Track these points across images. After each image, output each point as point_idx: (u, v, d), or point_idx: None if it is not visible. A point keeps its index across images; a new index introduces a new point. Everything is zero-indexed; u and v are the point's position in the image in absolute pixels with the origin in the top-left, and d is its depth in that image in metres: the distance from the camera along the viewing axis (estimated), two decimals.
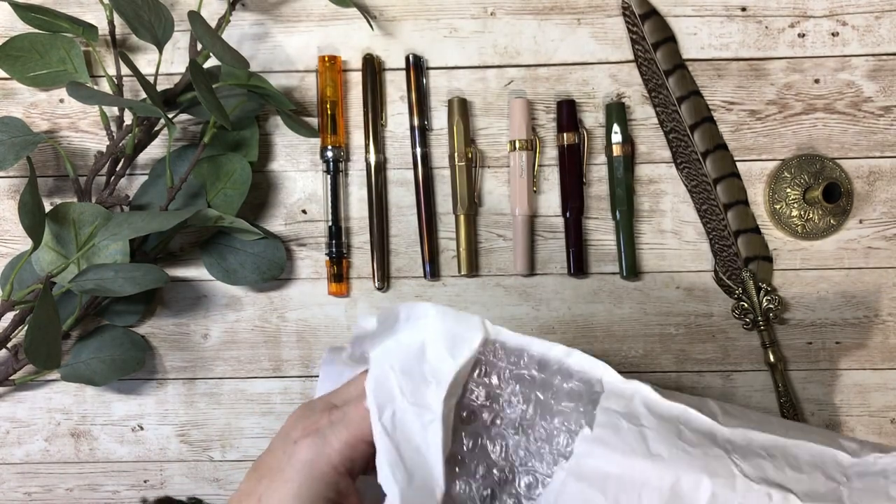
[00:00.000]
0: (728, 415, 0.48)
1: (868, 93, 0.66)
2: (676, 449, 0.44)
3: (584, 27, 0.67)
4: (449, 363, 0.43)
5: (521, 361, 0.45)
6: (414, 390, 0.43)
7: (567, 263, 0.66)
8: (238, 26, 0.67)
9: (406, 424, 0.42)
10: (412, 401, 0.43)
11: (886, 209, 0.66)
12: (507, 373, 0.45)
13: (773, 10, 0.66)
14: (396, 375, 0.43)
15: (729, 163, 0.66)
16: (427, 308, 0.44)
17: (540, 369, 0.45)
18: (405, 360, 0.44)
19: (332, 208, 0.66)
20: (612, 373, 0.45)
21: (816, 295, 0.66)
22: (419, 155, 0.66)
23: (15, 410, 0.68)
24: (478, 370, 0.45)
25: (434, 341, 0.44)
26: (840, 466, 0.46)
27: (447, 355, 0.43)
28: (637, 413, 0.45)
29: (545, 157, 0.67)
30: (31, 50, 0.64)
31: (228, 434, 0.67)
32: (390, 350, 0.44)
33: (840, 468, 0.46)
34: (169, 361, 0.67)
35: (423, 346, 0.44)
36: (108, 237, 0.57)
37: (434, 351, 0.44)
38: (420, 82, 0.66)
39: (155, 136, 0.64)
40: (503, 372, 0.45)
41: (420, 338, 0.44)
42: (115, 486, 0.68)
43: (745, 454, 0.45)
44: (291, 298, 0.67)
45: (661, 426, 0.45)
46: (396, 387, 0.43)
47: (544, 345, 0.45)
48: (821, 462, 0.45)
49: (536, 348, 0.45)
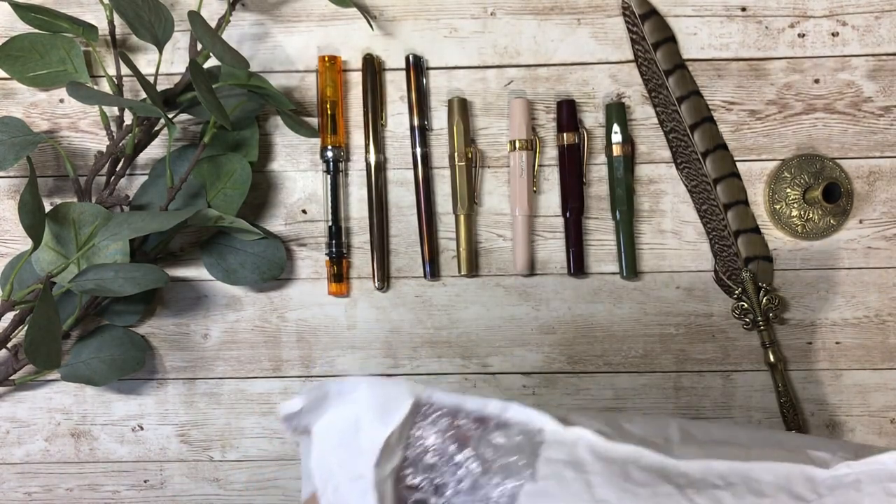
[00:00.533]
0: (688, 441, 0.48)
1: (868, 93, 0.66)
2: (623, 492, 0.44)
3: (584, 27, 0.67)
4: (380, 430, 0.44)
5: (458, 421, 0.46)
6: (350, 462, 0.44)
7: (567, 263, 0.66)
8: (238, 26, 0.67)
9: (345, 497, 0.44)
10: (350, 474, 0.44)
11: (886, 209, 0.66)
12: (445, 434, 0.45)
13: (773, 10, 0.66)
14: (335, 450, 0.45)
15: (729, 163, 0.66)
16: (357, 382, 0.46)
17: (478, 426, 0.46)
18: (342, 434, 0.45)
19: (332, 208, 0.66)
20: (552, 422, 0.45)
21: (816, 295, 0.66)
22: (419, 155, 0.66)
23: (15, 410, 0.68)
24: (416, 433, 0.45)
25: (367, 411, 0.45)
26: (810, 482, 0.45)
27: (379, 423, 0.44)
28: (581, 460, 0.45)
29: (545, 157, 0.67)
30: (32, 50, 0.64)
31: (228, 434, 0.67)
32: (329, 425, 0.45)
33: (810, 484, 0.45)
34: (169, 361, 0.67)
35: (358, 418, 0.45)
36: (108, 237, 0.57)
37: (367, 421, 0.45)
38: (420, 82, 0.66)
39: (155, 136, 0.64)
40: (442, 433, 0.45)
41: (354, 410, 0.45)
42: (115, 485, 0.68)
43: (701, 487, 0.45)
44: (291, 298, 0.67)
45: (608, 470, 0.45)
46: (335, 461, 0.45)
47: (479, 402, 0.46)
48: (787, 482, 0.45)
49: (471, 406, 0.46)
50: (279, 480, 0.67)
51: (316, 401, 0.47)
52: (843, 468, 0.46)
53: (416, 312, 0.67)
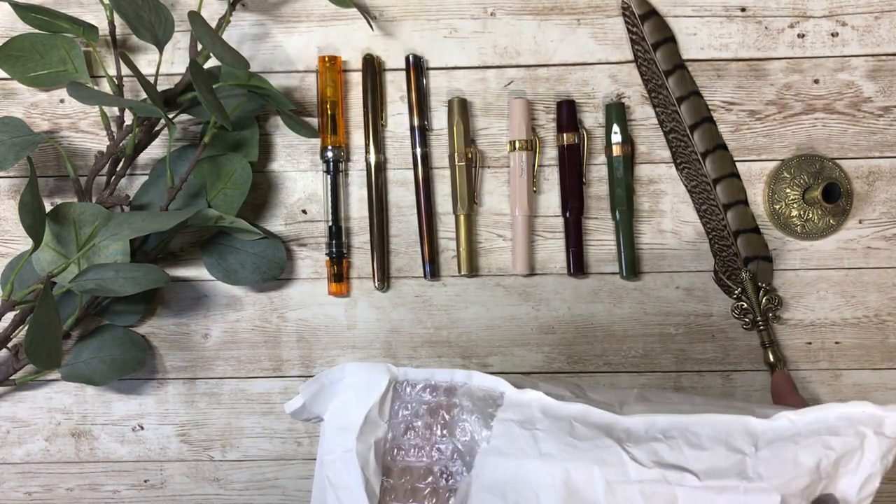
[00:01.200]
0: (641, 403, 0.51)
1: (868, 93, 0.66)
2: (565, 445, 0.47)
3: (583, 27, 0.67)
4: (361, 408, 0.50)
5: (431, 392, 0.52)
6: (344, 440, 0.50)
7: (567, 263, 0.66)
8: (238, 26, 0.67)
9: (339, 470, 0.50)
10: (342, 449, 0.50)
11: (886, 209, 0.66)
12: (421, 406, 0.51)
13: (772, 10, 0.66)
14: (334, 433, 0.51)
15: (729, 163, 0.66)
16: (342, 368, 0.52)
17: (447, 395, 0.51)
18: (339, 416, 0.51)
19: (332, 208, 0.66)
20: (509, 387, 0.50)
21: (816, 295, 0.66)
22: (419, 155, 0.66)
23: (15, 410, 0.68)
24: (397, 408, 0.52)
25: (355, 394, 0.51)
26: (750, 435, 0.46)
27: (360, 402, 0.51)
28: (532, 418, 0.49)
29: (545, 157, 0.67)
30: (32, 50, 0.64)
31: (229, 434, 0.67)
32: (331, 412, 0.52)
33: (750, 437, 0.46)
34: (169, 361, 0.67)
35: (349, 401, 0.51)
36: (109, 237, 0.57)
37: (355, 401, 0.51)
38: (420, 82, 0.66)
39: (155, 136, 0.64)
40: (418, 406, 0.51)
41: (346, 395, 0.51)
42: (116, 485, 0.68)
43: (640, 440, 0.47)
44: (291, 298, 0.67)
45: (554, 426, 0.48)
46: (335, 442, 0.50)
47: (447, 373, 0.52)
48: (726, 435, 0.46)
49: (440, 377, 0.52)
50: (279, 480, 0.67)
51: (314, 393, 0.52)
52: (784, 420, 0.46)
53: (416, 312, 0.67)
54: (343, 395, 0.51)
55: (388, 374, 0.52)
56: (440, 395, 0.51)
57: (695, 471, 0.46)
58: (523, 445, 0.48)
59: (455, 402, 0.51)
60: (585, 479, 0.46)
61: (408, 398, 0.52)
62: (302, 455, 0.67)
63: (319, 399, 0.52)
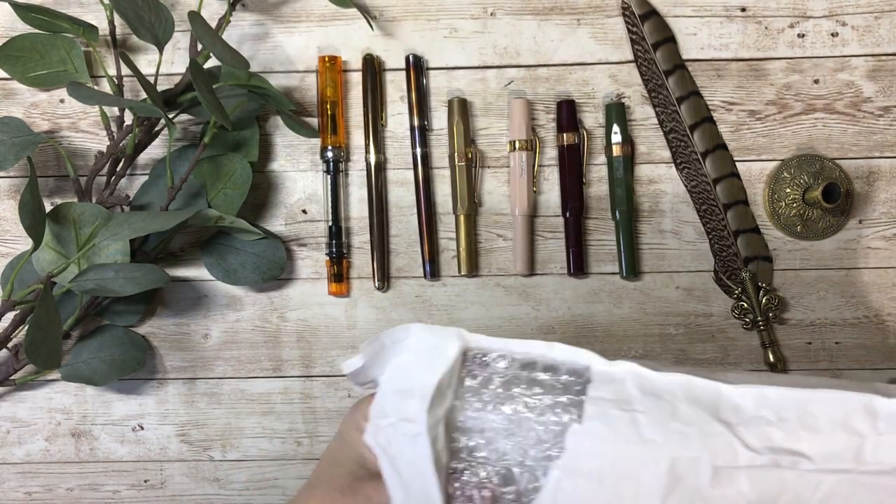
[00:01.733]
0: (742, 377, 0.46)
1: (868, 93, 0.66)
2: (670, 432, 0.43)
3: (583, 27, 0.67)
4: (429, 376, 0.44)
5: (506, 364, 0.46)
6: (402, 407, 0.44)
7: (567, 263, 0.66)
8: (238, 26, 0.67)
9: (398, 440, 0.44)
10: (401, 417, 0.44)
11: (886, 209, 0.66)
12: (495, 378, 0.46)
13: (772, 10, 0.66)
14: (391, 396, 0.45)
15: (729, 163, 0.66)
16: (407, 328, 0.46)
17: (525, 369, 0.46)
18: (398, 380, 0.45)
19: (332, 208, 0.66)
20: (598, 359, 0.45)
21: (816, 295, 0.66)
22: (419, 155, 0.66)
23: (15, 410, 0.68)
24: (467, 379, 0.46)
25: (417, 358, 0.45)
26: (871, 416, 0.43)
27: (428, 369, 0.45)
28: (629, 397, 0.44)
29: (545, 157, 0.67)
30: (32, 50, 0.64)
31: (229, 434, 0.67)
32: (389, 373, 0.46)
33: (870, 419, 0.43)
34: (169, 361, 0.67)
35: (410, 365, 0.45)
36: (109, 237, 0.57)
37: (418, 367, 0.45)
38: (420, 82, 0.66)
39: (155, 136, 0.64)
40: (491, 378, 0.46)
41: (406, 357, 0.46)
42: (116, 485, 0.68)
43: (751, 421, 0.43)
44: (291, 298, 0.67)
45: (655, 407, 0.44)
46: (390, 406, 0.45)
47: (525, 344, 0.46)
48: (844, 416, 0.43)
49: (517, 348, 0.46)
50: (279, 480, 0.67)
51: (375, 354, 0.48)
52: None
53: (416, 312, 0.67)
54: (404, 357, 0.46)
55: (459, 340, 0.46)
56: (515, 369, 0.46)
57: (808, 454, 0.42)
58: (623, 430, 0.43)
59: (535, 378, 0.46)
60: (691, 466, 0.42)
61: (477, 370, 0.46)
62: (302, 455, 0.67)
63: (378, 360, 0.48)
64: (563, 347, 0.46)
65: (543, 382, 0.46)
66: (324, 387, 0.67)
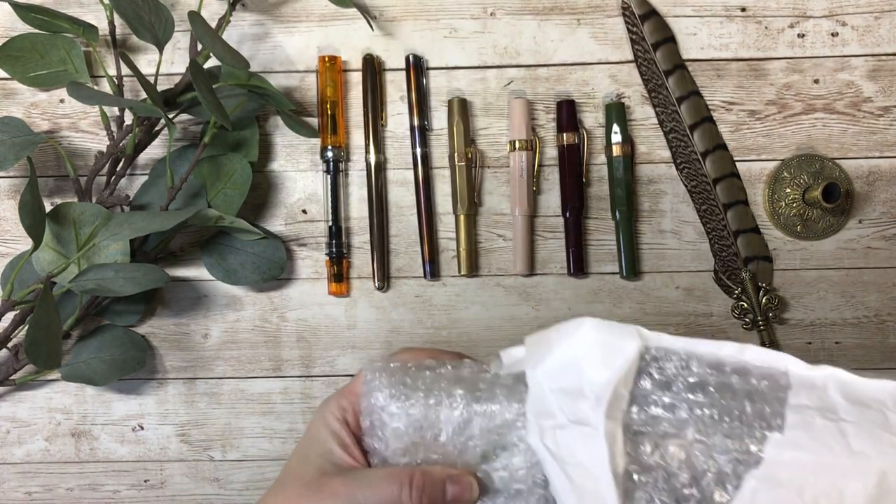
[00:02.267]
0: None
1: (868, 93, 0.66)
2: (882, 444, 0.39)
3: (583, 27, 0.67)
4: (605, 375, 0.41)
5: (690, 366, 0.43)
6: (573, 407, 0.41)
7: (567, 263, 0.66)
8: (238, 26, 0.67)
9: (568, 443, 0.41)
10: (572, 418, 0.41)
11: (886, 209, 0.66)
12: (678, 380, 0.42)
13: (772, 10, 0.66)
14: (555, 395, 0.42)
15: (728, 163, 0.66)
16: (580, 322, 0.43)
17: (714, 372, 0.42)
18: (562, 377, 0.42)
19: (332, 208, 0.66)
20: (797, 363, 0.41)
21: (816, 295, 0.66)
22: (419, 155, 0.66)
23: (15, 410, 0.68)
24: (645, 380, 0.42)
25: (589, 355, 0.42)
26: None
27: (603, 368, 0.41)
28: (833, 405, 0.41)
29: (545, 157, 0.67)
30: (32, 50, 0.64)
31: (229, 434, 0.67)
32: (547, 369, 0.43)
33: None
34: (169, 361, 0.67)
35: (579, 361, 0.42)
36: (109, 237, 0.57)
37: (590, 365, 0.41)
38: (420, 82, 0.66)
39: (155, 136, 0.64)
40: (674, 379, 0.42)
41: (575, 353, 0.42)
42: (116, 485, 0.68)
43: None
44: (291, 298, 0.67)
45: (863, 416, 0.40)
46: (556, 406, 0.41)
47: (713, 344, 0.43)
48: None
49: (704, 349, 0.43)
50: None
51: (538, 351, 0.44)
52: None
53: (416, 312, 0.67)
54: (570, 353, 0.42)
55: (637, 339, 0.42)
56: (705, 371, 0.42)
57: None
58: (829, 441, 0.40)
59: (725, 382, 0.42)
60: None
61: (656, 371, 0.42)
62: None
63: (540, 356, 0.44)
64: (758, 350, 0.42)
65: (734, 387, 0.42)
66: (324, 387, 0.67)
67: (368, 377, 0.44)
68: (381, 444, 0.43)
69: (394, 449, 0.43)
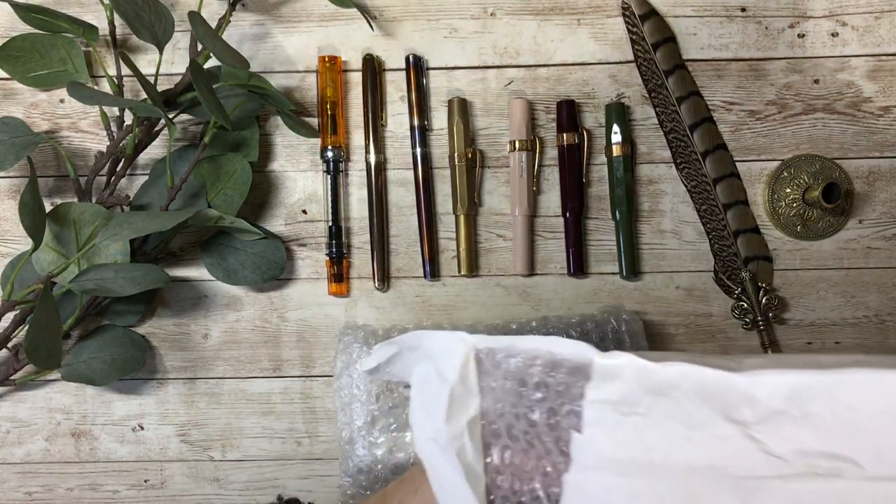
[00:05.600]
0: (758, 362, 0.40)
1: (868, 93, 0.66)
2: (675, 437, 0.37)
3: (583, 27, 0.67)
4: (442, 385, 0.42)
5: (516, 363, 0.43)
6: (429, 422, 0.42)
7: (567, 263, 0.66)
8: (238, 26, 0.67)
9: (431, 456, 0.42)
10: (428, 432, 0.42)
11: (886, 209, 0.66)
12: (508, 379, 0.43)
13: (772, 10, 0.66)
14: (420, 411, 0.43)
15: (728, 163, 0.66)
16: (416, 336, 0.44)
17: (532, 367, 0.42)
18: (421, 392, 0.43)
19: (332, 208, 0.66)
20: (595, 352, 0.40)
21: (816, 295, 0.66)
22: (419, 155, 0.66)
23: (15, 410, 0.68)
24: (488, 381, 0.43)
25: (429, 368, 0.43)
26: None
27: (439, 378, 0.42)
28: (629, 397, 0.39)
29: (545, 157, 0.67)
30: (32, 50, 0.64)
31: (229, 434, 0.67)
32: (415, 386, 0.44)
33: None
34: (169, 361, 0.67)
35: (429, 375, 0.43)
36: (109, 237, 0.57)
37: (435, 377, 0.43)
38: (420, 82, 0.66)
39: (155, 136, 0.64)
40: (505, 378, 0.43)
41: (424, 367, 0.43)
42: (116, 485, 0.68)
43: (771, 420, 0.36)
44: (291, 298, 0.67)
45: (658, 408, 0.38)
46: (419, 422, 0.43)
47: (527, 340, 0.42)
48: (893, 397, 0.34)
49: (522, 346, 0.42)
50: (279, 480, 0.67)
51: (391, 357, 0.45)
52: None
53: (416, 312, 0.67)
54: (423, 366, 0.43)
55: (461, 343, 0.43)
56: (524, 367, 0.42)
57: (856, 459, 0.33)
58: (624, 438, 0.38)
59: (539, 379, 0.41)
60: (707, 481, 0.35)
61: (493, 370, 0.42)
62: (302, 455, 0.67)
63: (398, 364, 0.45)
64: (561, 341, 0.42)
65: (549, 383, 0.41)
66: (324, 387, 0.67)
67: None
68: None
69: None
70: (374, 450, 0.61)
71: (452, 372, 0.42)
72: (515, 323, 0.63)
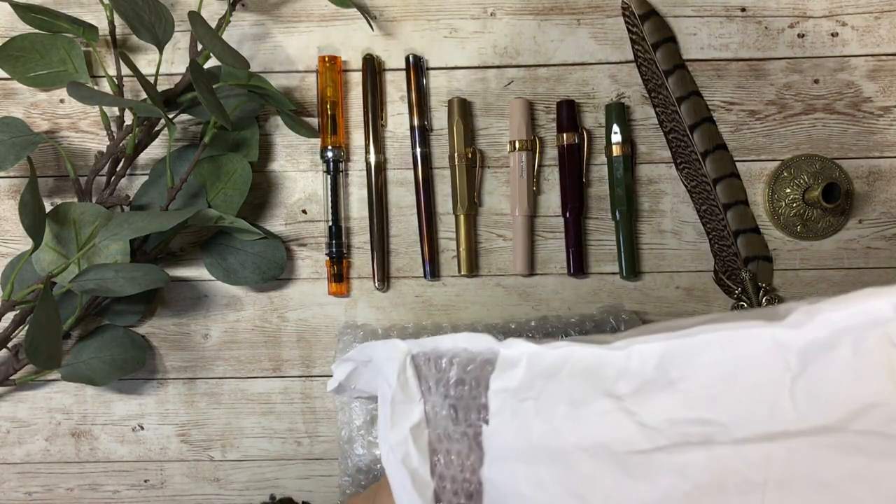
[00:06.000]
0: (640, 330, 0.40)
1: (867, 93, 0.66)
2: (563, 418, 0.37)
3: (583, 27, 0.67)
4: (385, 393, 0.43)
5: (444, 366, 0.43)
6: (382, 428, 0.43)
7: (567, 263, 0.66)
8: (238, 26, 0.67)
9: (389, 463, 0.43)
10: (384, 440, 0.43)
11: (886, 209, 0.66)
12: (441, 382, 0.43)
13: (772, 10, 0.66)
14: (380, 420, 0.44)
15: (728, 163, 0.66)
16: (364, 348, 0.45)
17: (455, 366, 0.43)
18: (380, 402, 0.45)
19: (332, 208, 0.66)
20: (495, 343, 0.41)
21: (816, 295, 0.66)
22: (419, 155, 0.66)
23: (15, 410, 0.68)
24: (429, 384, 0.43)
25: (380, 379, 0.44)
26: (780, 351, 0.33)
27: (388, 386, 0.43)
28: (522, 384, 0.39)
29: (545, 158, 0.67)
30: (32, 50, 0.64)
31: (229, 434, 0.67)
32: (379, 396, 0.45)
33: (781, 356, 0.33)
34: (169, 361, 0.67)
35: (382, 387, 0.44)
36: (109, 237, 0.57)
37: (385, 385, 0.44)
38: (420, 82, 0.66)
39: (155, 136, 0.64)
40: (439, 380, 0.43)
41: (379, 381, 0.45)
42: (116, 485, 0.68)
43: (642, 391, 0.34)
44: (291, 298, 0.67)
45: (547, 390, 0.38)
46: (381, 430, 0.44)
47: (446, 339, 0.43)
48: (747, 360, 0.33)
49: (443, 346, 0.43)
50: (279, 480, 0.68)
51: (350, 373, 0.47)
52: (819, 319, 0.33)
53: (415, 312, 0.67)
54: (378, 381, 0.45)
55: (395, 349, 0.44)
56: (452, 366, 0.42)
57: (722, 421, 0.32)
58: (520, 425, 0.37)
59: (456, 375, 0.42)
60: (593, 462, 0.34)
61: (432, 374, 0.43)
62: (302, 455, 0.67)
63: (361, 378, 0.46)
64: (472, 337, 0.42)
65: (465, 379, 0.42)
66: (324, 387, 0.67)
67: None
68: None
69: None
70: (374, 449, 0.61)
71: (390, 381, 0.43)
72: (515, 323, 0.63)
